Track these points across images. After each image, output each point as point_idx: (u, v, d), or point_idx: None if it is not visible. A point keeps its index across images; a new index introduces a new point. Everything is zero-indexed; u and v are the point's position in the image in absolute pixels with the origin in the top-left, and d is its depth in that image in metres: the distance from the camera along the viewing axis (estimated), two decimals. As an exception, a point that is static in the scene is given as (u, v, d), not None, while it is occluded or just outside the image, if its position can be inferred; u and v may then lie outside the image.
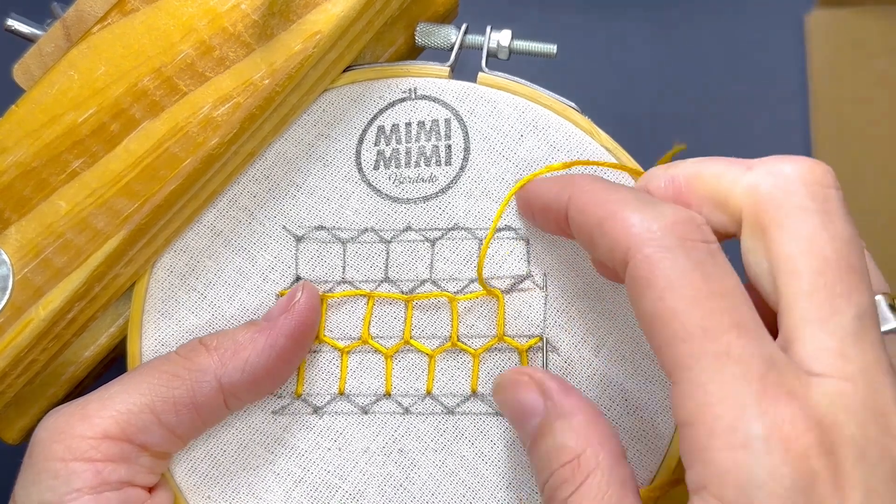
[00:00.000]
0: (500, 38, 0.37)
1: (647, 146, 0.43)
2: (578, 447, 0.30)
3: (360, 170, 0.37)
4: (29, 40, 0.37)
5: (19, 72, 0.36)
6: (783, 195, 0.29)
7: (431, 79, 0.37)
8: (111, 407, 0.33)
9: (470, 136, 0.37)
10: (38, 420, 0.37)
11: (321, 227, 0.37)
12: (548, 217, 0.33)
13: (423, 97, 0.37)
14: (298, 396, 0.36)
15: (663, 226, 0.28)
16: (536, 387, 0.32)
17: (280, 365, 0.35)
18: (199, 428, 0.35)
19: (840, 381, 0.26)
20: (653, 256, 0.28)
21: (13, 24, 0.37)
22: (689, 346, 0.26)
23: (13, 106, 0.35)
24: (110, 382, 0.34)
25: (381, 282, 0.37)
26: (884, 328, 0.30)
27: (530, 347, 0.36)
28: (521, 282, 0.36)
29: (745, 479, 0.25)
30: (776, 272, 0.28)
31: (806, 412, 0.26)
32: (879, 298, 0.31)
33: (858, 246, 0.28)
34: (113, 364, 0.40)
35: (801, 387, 0.26)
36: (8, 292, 0.34)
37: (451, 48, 0.38)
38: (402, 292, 0.36)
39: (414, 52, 0.39)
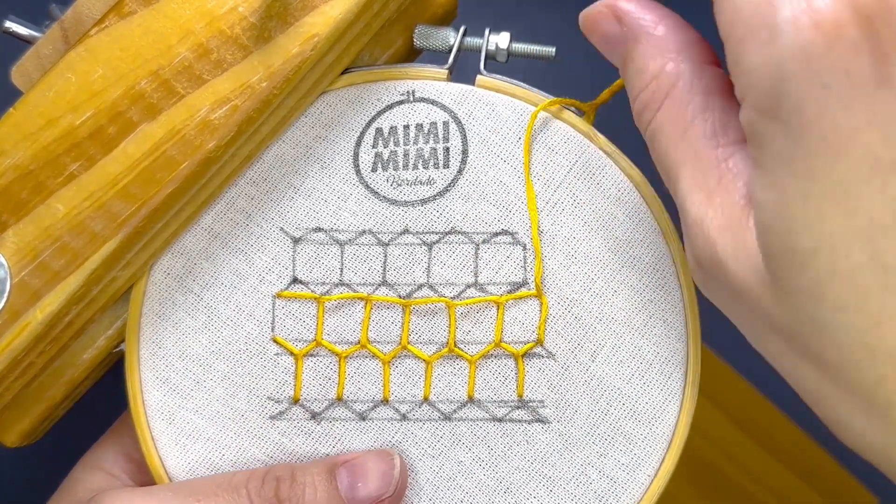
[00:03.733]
0: (499, 40, 0.37)
1: (645, 148, 0.43)
2: (656, 67, 0.29)
3: (357, 172, 0.37)
4: (27, 42, 0.36)
5: (17, 74, 0.36)
6: None
7: (430, 81, 0.37)
8: None
9: (468, 139, 0.37)
10: (37, 422, 0.38)
11: (319, 229, 0.37)
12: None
13: (422, 99, 0.37)
14: (296, 402, 0.36)
15: None
16: (612, 15, 0.31)
17: None
18: None
19: None
20: None
21: (11, 26, 0.37)
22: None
23: (10, 109, 0.34)
24: None
25: (379, 285, 0.36)
26: None
27: (527, 353, 0.36)
28: (518, 288, 0.36)
29: (774, 72, 0.23)
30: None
31: None
32: None
33: None
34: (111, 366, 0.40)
35: None
36: (5, 296, 0.34)
37: (450, 50, 0.37)
38: (400, 296, 0.36)
39: (412, 54, 0.39)
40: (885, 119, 0.23)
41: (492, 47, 0.37)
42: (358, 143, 0.37)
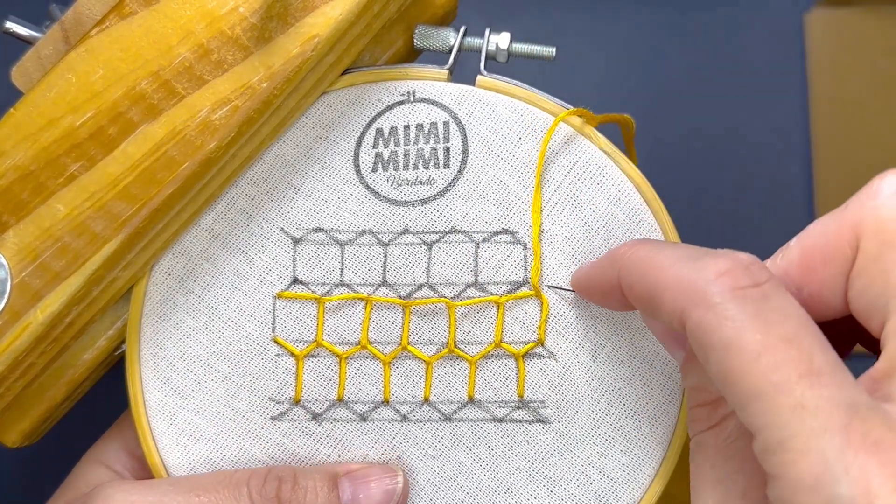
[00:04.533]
0: (499, 40, 0.37)
1: (645, 148, 0.43)
2: (714, 393, 0.30)
3: (358, 172, 0.37)
4: (27, 43, 0.36)
5: (17, 74, 0.36)
6: None
7: (430, 81, 0.37)
8: None
9: (468, 139, 0.37)
10: (38, 423, 0.38)
11: (319, 230, 0.37)
12: (611, 301, 0.33)
13: (422, 100, 0.37)
14: (297, 402, 0.36)
15: (708, 282, 0.26)
16: (674, 339, 0.32)
17: None
18: None
19: None
20: (704, 319, 0.26)
21: (12, 26, 0.37)
22: (762, 404, 0.25)
23: (11, 109, 0.34)
24: None
25: (379, 285, 0.37)
26: None
27: (527, 353, 0.36)
28: (518, 287, 0.36)
29: None
30: (889, 295, 0.27)
31: (894, 467, 0.23)
32: None
33: None
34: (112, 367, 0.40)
35: (890, 434, 0.24)
36: (6, 296, 0.34)
37: (450, 51, 0.38)
38: (400, 296, 0.36)
39: (413, 54, 0.39)
40: None
41: (492, 47, 0.37)
42: (358, 144, 0.37)
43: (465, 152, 0.37)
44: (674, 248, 0.29)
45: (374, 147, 0.37)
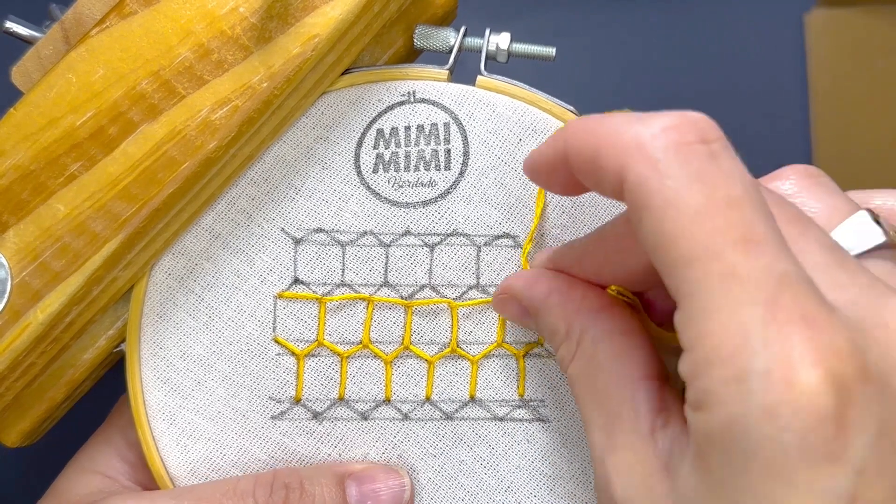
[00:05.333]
0: (499, 41, 0.37)
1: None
2: (566, 323, 0.30)
3: (359, 173, 0.37)
4: (27, 42, 0.36)
5: (17, 74, 0.36)
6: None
7: (430, 82, 0.37)
8: None
9: (469, 140, 0.37)
10: (38, 423, 0.38)
11: (320, 230, 0.37)
12: (558, 178, 0.30)
13: (423, 100, 0.37)
14: (297, 402, 0.36)
15: (652, 135, 0.24)
16: (512, 299, 0.33)
17: None
18: None
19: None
20: (643, 174, 0.24)
21: (12, 26, 0.37)
22: (693, 270, 0.23)
23: (11, 109, 0.34)
24: None
25: (381, 286, 0.37)
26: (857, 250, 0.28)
27: (528, 353, 0.36)
28: None
29: (732, 414, 0.22)
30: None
31: (819, 342, 0.22)
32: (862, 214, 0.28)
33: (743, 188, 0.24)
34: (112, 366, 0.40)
35: (821, 310, 0.23)
36: (6, 296, 0.34)
37: (450, 51, 0.37)
38: (402, 297, 0.36)
39: (413, 54, 0.39)
40: (821, 496, 0.22)
41: (492, 47, 0.37)
42: (359, 144, 0.37)
43: (465, 154, 0.37)
44: (623, 114, 0.27)
45: (374, 148, 0.37)
